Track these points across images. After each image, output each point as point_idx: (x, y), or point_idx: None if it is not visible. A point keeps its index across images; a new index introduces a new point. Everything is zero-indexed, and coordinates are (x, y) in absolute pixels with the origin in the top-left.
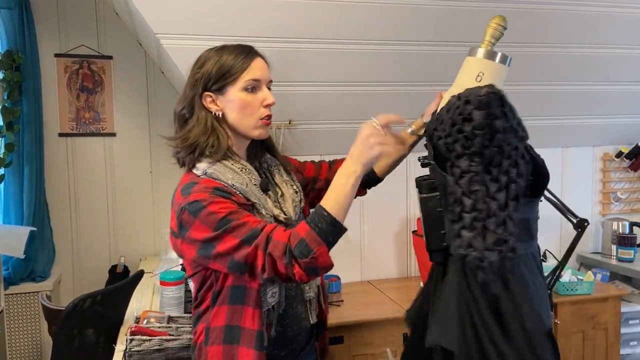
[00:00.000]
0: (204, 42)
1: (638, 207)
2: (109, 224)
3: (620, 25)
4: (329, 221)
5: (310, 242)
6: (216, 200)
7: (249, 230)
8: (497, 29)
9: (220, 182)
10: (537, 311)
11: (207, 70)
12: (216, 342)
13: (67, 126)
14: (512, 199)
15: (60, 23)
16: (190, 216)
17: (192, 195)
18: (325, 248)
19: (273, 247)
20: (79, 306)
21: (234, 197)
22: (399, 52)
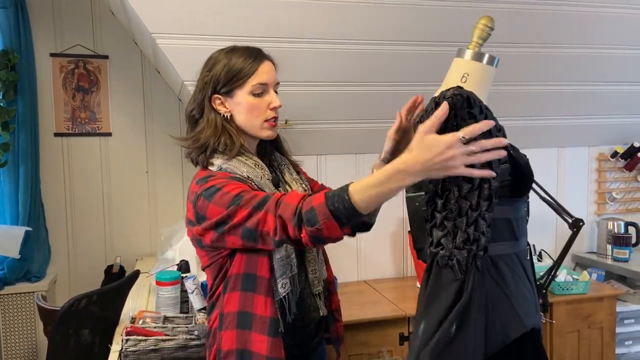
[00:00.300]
0: (200, 41)
1: (633, 207)
2: (105, 224)
3: (615, 26)
4: (347, 205)
5: (319, 213)
6: (231, 182)
7: (260, 199)
8: (484, 30)
9: (234, 174)
10: (515, 311)
11: (216, 74)
12: (230, 327)
13: (62, 126)
14: (484, 199)
15: (56, 22)
16: (205, 201)
17: (209, 182)
18: (333, 222)
19: (283, 209)
20: (74, 306)
21: (249, 183)
22: (396, 52)
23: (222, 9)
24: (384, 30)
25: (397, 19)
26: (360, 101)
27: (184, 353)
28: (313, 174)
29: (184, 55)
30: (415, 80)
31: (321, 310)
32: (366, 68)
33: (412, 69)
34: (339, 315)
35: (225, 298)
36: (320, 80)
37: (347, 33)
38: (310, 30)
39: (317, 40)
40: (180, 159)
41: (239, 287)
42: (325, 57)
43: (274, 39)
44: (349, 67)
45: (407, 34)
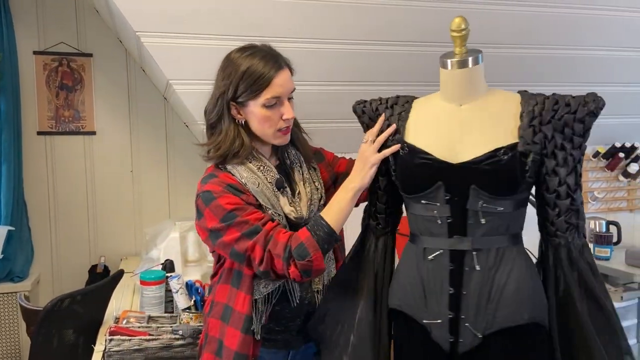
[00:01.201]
0: (185, 40)
1: (615, 206)
2: (89, 223)
3: (597, 28)
4: (327, 230)
5: (308, 246)
6: (225, 195)
7: (251, 226)
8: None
9: (235, 179)
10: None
11: (234, 83)
12: (215, 315)
13: (46, 124)
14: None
15: (39, 20)
16: (203, 204)
17: (208, 185)
18: (320, 254)
19: (273, 245)
20: (57, 306)
21: (244, 197)
22: (387, 52)
23: (208, 7)
24: (375, 30)
25: (387, 19)
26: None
27: (168, 353)
28: None
29: (169, 53)
30: (408, 81)
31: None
32: (357, 68)
33: (405, 69)
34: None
35: (217, 288)
36: (306, 80)
37: (332, 33)
38: (298, 29)
39: (305, 39)
40: (165, 158)
41: (229, 280)
42: (311, 57)
43: (261, 38)
44: (334, 66)
45: (398, 34)
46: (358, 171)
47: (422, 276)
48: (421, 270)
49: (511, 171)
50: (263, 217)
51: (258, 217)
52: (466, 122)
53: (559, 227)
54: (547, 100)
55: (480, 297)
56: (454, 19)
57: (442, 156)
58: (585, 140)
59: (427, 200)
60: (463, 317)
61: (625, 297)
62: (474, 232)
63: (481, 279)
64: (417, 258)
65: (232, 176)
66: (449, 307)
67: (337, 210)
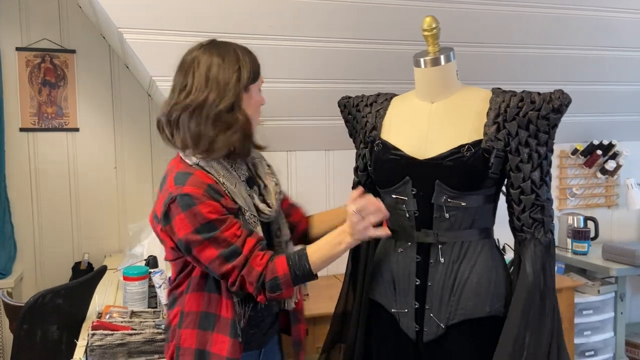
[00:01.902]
0: (168, 37)
1: (592, 203)
2: (72, 220)
3: (573, 27)
4: (307, 273)
5: (283, 283)
6: (207, 202)
7: (229, 246)
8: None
9: (212, 178)
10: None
11: (246, 65)
12: (190, 326)
13: (28, 121)
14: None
15: (22, 16)
16: (179, 208)
17: (186, 187)
18: (293, 289)
19: (247, 272)
20: (39, 301)
21: (223, 201)
22: (365, 51)
23: (191, 4)
24: (353, 28)
25: (366, 18)
26: (329, 98)
27: (151, 347)
28: (283, 170)
29: (152, 50)
30: (388, 79)
31: (287, 305)
32: (336, 65)
33: (385, 67)
34: (302, 316)
35: (187, 297)
36: (290, 77)
37: (317, 31)
38: (279, 27)
39: (286, 37)
40: (149, 155)
41: (202, 288)
42: (295, 54)
43: (243, 35)
44: (319, 64)
45: (378, 32)
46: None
47: (392, 268)
48: (392, 262)
49: (474, 167)
50: (241, 234)
51: (236, 232)
52: (436, 119)
53: (524, 222)
54: (514, 97)
55: (444, 289)
56: (424, 18)
57: (411, 152)
58: (552, 136)
59: (397, 194)
60: (428, 307)
61: (602, 291)
62: (439, 226)
63: (445, 272)
64: (389, 250)
65: (208, 174)
66: (415, 297)
67: (325, 258)
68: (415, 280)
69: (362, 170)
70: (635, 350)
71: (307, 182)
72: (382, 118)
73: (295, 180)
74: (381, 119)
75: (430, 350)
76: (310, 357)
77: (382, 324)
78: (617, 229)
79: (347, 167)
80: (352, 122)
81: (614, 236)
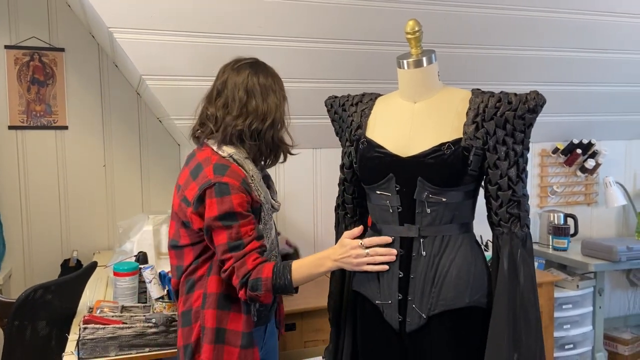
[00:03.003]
0: (158, 36)
1: (572, 200)
2: (61, 218)
3: (553, 29)
4: (287, 284)
5: (263, 285)
6: (240, 194)
7: (236, 240)
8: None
9: (244, 172)
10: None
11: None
12: (212, 306)
13: (17, 119)
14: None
15: (11, 14)
16: (214, 193)
17: (226, 177)
18: (271, 295)
19: (239, 266)
20: (30, 297)
21: (251, 196)
22: (352, 51)
23: (181, 4)
24: (340, 30)
25: (353, 20)
26: (317, 97)
27: (142, 340)
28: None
29: (141, 49)
30: (366, 79)
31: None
32: (322, 65)
33: (367, 67)
34: (281, 298)
35: (209, 280)
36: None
37: (304, 31)
38: (268, 27)
39: (275, 37)
40: (138, 153)
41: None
42: (283, 54)
43: (233, 36)
44: (306, 64)
45: (372, 33)
46: (342, 256)
47: None
48: None
49: (454, 165)
50: (252, 233)
51: (248, 231)
52: (418, 118)
53: (501, 217)
54: (492, 97)
55: (425, 281)
56: (407, 21)
57: (395, 150)
58: (527, 135)
59: (381, 190)
60: (410, 298)
61: (581, 286)
62: (421, 221)
63: (426, 265)
64: None
65: (241, 167)
66: (398, 289)
67: (305, 276)
68: (398, 273)
69: (347, 167)
70: (613, 344)
71: (294, 180)
72: (367, 117)
73: (283, 178)
74: (366, 118)
75: (413, 340)
76: (298, 351)
77: (367, 315)
78: (596, 225)
79: (334, 164)
80: (339, 121)
81: (593, 233)
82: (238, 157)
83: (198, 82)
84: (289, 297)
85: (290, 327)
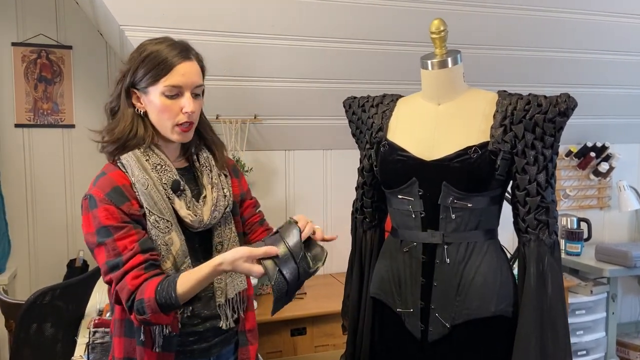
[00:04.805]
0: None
1: (585, 204)
2: (67, 217)
3: (573, 31)
4: (173, 301)
5: (147, 307)
6: (105, 206)
7: (114, 257)
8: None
9: (126, 177)
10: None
11: (133, 67)
12: (118, 334)
13: (24, 117)
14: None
15: (18, 11)
16: (83, 208)
17: (95, 188)
18: (160, 314)
19: (121, 288)
20: (39, 299)
21: (125, 206)
22: (366, 51)
23: (193, 3)
24: (356, 29)
25: (368, 19)
26: (329, 98)
27: None
28: (281, 169)
29: None
30: (382, 79)
31: (223, 321)
32: (336, 65)
33: (382, 67)
34: (254, 338)
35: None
36: (290, 77)
37: (318, 31)
38: (281, 26)
39: (288, 37)
40: None
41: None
42: (296, 54)
43: (244, 34)
44: (319, 64)
45: (376, 33)
46: (233, 257)
47: (398, 267)
48: (397, 261)
49: (480, 169)
50: (132, 248)
51: (127, 245)
52: (443, 120)
53: (529, 223)
54: (520, 100)
55: (449, 289)
56: (432, 21)
57: (418, 153)
58: (557, 139)
59: (403, 195)
60: (433, 307)
61: (595, 292)
62: (445, 227)
63: (451, 272)
64: (394, 250)
65: (125, 173)
66: (420, 297)
67: (192, 287)
68: (421, 280)
69: (367, 170)
70: (626, 350)
71: (304, 181)
72: (389, 119)
73: (293, 179)
74: (387, 119)
75: (435, 350)
76: (308, 355)
77: (387, 323)
78: (609, 230)
79: (344, 166)
80: (357, 123)
81: (606, 237)
82: (127, 161)
83: (208, 81)
84: (299, 301)
85: (300, 331)
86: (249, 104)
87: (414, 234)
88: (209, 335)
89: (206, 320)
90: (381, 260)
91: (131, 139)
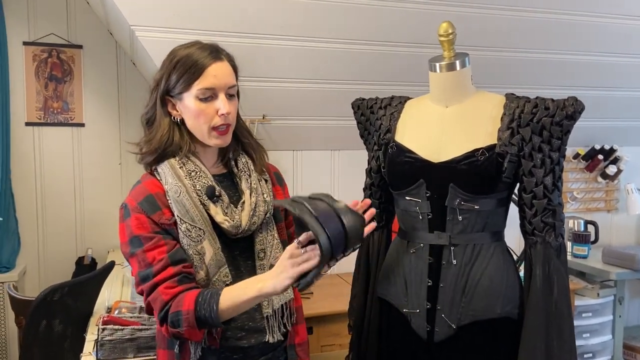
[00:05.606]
0: (180, 35)
1: (593, 207)
2: (76, 215)
3: (581, 33)
4: (213, 317)
5: (185, 320)
6: (137, 215)
7: (145, 268)
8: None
9: (160, 186)
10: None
11: (166, 74)
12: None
13: (34, 115)
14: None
15: (30, 11)
16: (120, 217)
17: (129, 197)
18: (196, 330)
19: (153, 299)
20: (49, 296)
21: (156, 215)
22: (375, 52)
23: (203, 2)
24: (364, 31)
25: (376, 20)
26: (337, 98)
27: None
28: (289, 169)
29: (163, 48)
30: (390, 81)
31: (269, 335)
32: (344, 66)
33: (389, 68)
34: (305, 353)
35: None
36: (299, 77)
37: (327, 32)
38: (290, 27)
39: (297, 37)
40: None
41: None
42: (304, 55)
43: (254, 35)
44: (328, 65)
45: (382, 34)
46: (274, 276)
47: (405, 268)
48: (404, 262)
49: (487, 171)
50: (162, 259)
51: (156, 256)
52: (450, 123)
53: (535, 226)
54: (528, 103)
55: (455, 290)
56: (441, 24)
57: (426, 155)
58: (564, 142)
59: (410, 196)
60: (439, 308)
61: (601, 294)
62: (452, 229)
63: (457, 273)
64: (401, 251)
65: (159, 182)
66: (426, 298)
67: (235, 306)
68: (427, 281)
69: (375, 172)
70: (633, 353)
71: (312, 181)
72: (397, 121)
73: (301, 180)
74: (395, 121)
75: (441, 351)
76: (315, 355)
77: (393, 323)
78: (616, 233)
79: (352, 167)
80: (365, 124)
81: (613, 240)
82: (162, 169)
83: None
84: (305, 301)
85: (307, 331)
86: (258, 104)
87: (421, 235)
88: (254, 354)
89: (251, 335)
90: (388, 261)
91: (168, 147)
